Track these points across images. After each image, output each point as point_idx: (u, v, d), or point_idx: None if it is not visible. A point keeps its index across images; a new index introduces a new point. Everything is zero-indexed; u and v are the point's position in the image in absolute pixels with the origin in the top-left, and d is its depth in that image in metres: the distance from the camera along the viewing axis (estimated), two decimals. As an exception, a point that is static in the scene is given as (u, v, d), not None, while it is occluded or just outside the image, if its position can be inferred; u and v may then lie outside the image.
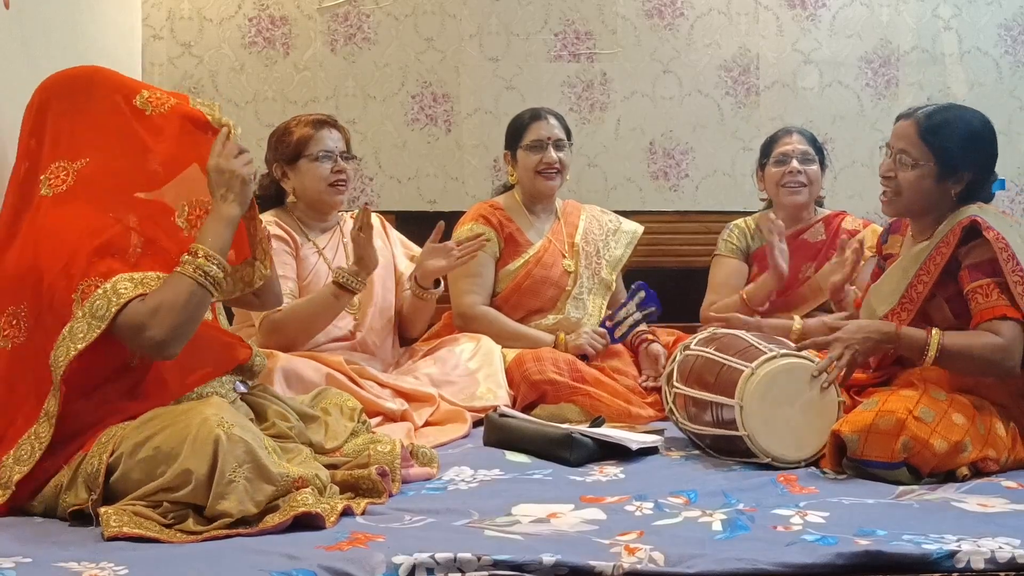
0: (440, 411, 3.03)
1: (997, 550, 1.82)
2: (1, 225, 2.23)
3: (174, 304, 2.08)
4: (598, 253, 3.57)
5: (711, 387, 2.58)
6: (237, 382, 2.36)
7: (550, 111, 3.57)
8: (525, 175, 3.51)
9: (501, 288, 3.49)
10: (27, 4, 2.70)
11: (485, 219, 3.50)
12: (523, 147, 3.49)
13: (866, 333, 2.50)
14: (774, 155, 3.52)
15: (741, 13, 4.23)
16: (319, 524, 1.97)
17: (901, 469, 2.33)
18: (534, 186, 3.51)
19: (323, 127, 3.19)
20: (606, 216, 3.68)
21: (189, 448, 1.96)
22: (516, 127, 3.54)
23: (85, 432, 2.11)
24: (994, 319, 2.44)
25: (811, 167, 3.48)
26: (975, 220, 2.50)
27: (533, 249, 3.51)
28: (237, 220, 2.21)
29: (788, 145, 3.50)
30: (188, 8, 4.08)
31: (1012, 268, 2.44)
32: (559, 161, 3.47)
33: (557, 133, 3.49)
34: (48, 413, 2.07)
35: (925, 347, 2.43)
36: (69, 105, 2.24)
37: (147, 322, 2.06)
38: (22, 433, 2.10)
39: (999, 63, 4.30)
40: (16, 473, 2.08)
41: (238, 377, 2.37)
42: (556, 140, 3.48)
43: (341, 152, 3.19)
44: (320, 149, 3.16)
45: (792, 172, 3.46)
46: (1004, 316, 2.43)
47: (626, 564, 1.79)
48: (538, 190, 3.52)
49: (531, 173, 3.48)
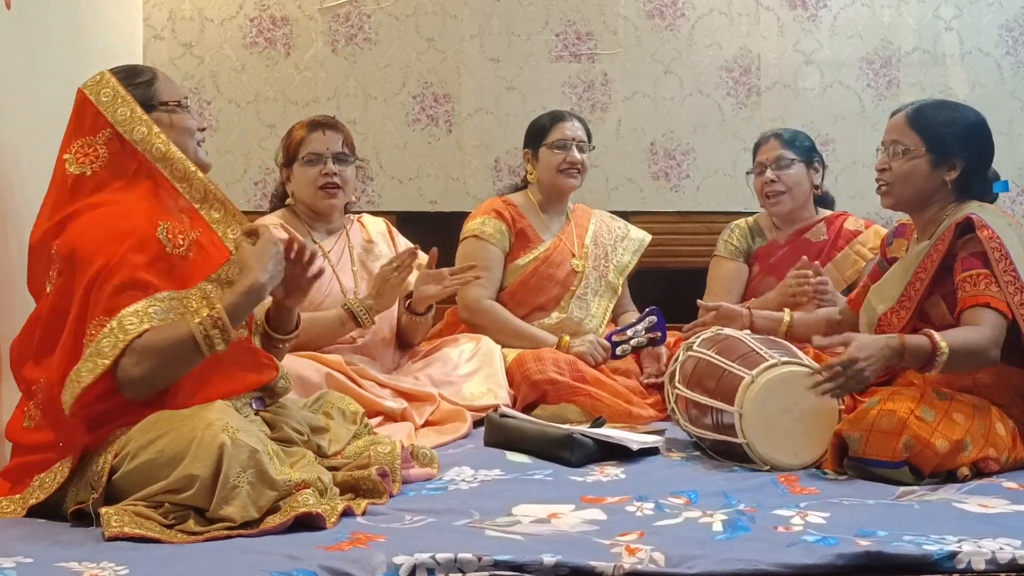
0: (440, 410, 3.03)
1: (998, 551, 1.82)
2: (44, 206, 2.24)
3: (161, 350, 2.07)
4: (607, 256, 3.59)
5: (712, 392, 2.58)
6: (254, 400, 2.32)
7: (574, 114, 3.62)
8: (546, 173, 3.52)
9: (508, 283, 3.50)
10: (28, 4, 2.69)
11: (497, 213, 3.52)
12: (547, 145, 3.51)
13: (879, 350, 2.36)
14: (755, 164, 3.53)
15: (742, 14, 4.23)
16: (320, 524, 1.98)
17: (903, 468, 2.33)
18: (555, 183, 3.52)
19: (316, 129, 3.17)
20: (615, 222, 3.70)
21: (194, 452, 1.96)
22: (539, 127, 3.56)
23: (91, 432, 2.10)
24: (977, 306, 2.43)
25: (788, 171, 3.46)
26: (971, 217, 2.50)
27: (543, 246, 3.52)
28: (263, 289, 2.18)
29: (763, 154, 3.51)
30: (189, 8, 4.08)
31: (1004, 268, 2.44)
32: (582, 162, 3.51)
33: (581, 135, 3.54)
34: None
35: (934, 355, 2.36)
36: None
37: (129, 356, 2.05)
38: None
39: (1000, 64, 4.30)
40: (33, 498, 2.11)
41: (256, 395, 2.33)
42: (579, 141, 3.52)
43: (336, 154, 3.15)
44: (308, 151, 3.14)
45: (767, 182, 3.46)
46: (988, 304, 2.42)
47: (627, 564, 1.79)
48: (558, 188, 3.54)
49: (553, 171, 3.50)
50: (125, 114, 2.20)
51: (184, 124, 2.30)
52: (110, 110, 2.20)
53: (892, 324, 2.58)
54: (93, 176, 2.19)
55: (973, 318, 2.43)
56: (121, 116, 2.20)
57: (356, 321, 3.04)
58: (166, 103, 2.28)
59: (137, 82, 2.27)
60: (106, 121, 2.20)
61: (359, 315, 3.03)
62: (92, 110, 2.21)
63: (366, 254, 3.27)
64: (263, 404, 2.34)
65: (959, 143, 2.59)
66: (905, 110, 2.66)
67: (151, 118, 2.23)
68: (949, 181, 2.60)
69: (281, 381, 2.36)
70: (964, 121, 2.62)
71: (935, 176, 2.60)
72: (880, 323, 2.61)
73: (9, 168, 2.56)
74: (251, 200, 4.03)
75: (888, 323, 2.59)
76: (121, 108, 2.20)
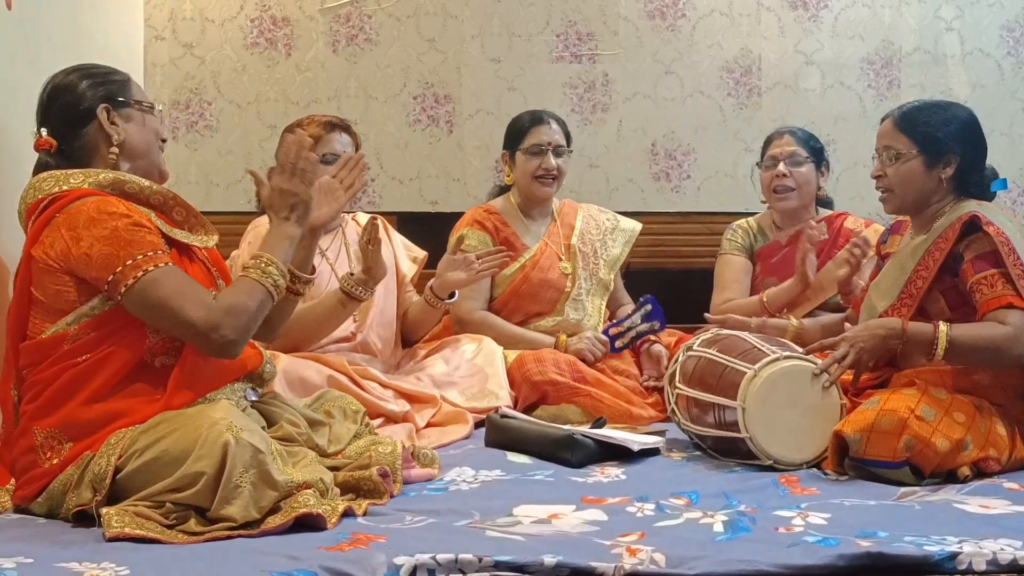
0: (442, 412, 3.03)
1: (999, 551, 1.82)
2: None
3: (248, 307, 2.13)
4: (595, 254, 3.56)
5: (713, 389, 2.58)
6: (248, 390, 2.35)
7: (552, 115, 3.56)
8: (522, 178, 3.50)
9: (498, 293, 3.49)
10: (29, 4, 2.70)
11: (480, 224, 3.49)
12: (522, 150, 3.48)
13: (872, 331, 2.49)
14: (765, 158, 3.53)
15: (743, 14, 4.23)
16: (320, 525, 1.98)
17: (903, 468, 2.33)
18: (530, 190, 3.50)
19: (334, 130, 3.18)
20: (604, 215, 3.66)
21: (198, 451, 1.96)
22: (517, 128, 3.52)
23: (94, 433, 2.11)
24: (1000, 308, 2.44)
25: (800, 169, 3.46)
26: (975, 215, 2.50)
27: (529, 253, 3.50)
28: (297, 239, 2.28)
29: (777, 148, 3.50)
30: (190, 9, 4.08)
31: (1014, 261, 2.45)
32: (557, 168, 3.46)
33: (557, 139, 3.48)
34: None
35: (934, 341, 2.42)
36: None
37: (221, 321, 2.09)
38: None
39: (1001, 64, 4.30)
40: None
41: (248, 384, 2.36)
42: (556, 146, 3.47)
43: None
44: (327, 151, 3.13)
45: (779, 176, 3.46)
46: (1011, 305, 2.43)
47: (627, 565, 1.79)
48: (533, 195, 3.51)
49: (528, 178, 3.47)
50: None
51: (155, 126, 2.35)
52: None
53: (893, 322, 2.59)
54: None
55: (996, 320, 2.44)
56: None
57: (352, 296, 2.97)
58: (140, 103, 2.32)
59: (113, 79, 2.32)
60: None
61: (354, 291, 2.96)
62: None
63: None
64: (257, 395, 2.37)
65: (950, 139, 2.60)
66: (893, 115, 2.67)
67: (124, 113, 2.28)
68: (945, 179, 2.60)
69: (267, 366, 2.40)
70: (952, 117, 2.63)
71: (931, 176, 2.61)
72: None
73: (10, 168, 2.56)
74: (251, 200, 4.02)
75: (889, 321, 2.60)
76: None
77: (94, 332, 2.14)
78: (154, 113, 2.35)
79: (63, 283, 2.14)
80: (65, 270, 2.14)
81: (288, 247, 2.25)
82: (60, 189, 2.18)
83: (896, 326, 2.46)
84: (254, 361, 2.35)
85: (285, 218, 2.26)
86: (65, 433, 2.12)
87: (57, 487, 2.10)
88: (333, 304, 3.01)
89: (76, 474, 2.08)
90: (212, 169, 4.12)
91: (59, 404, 2.13)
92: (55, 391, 2.13)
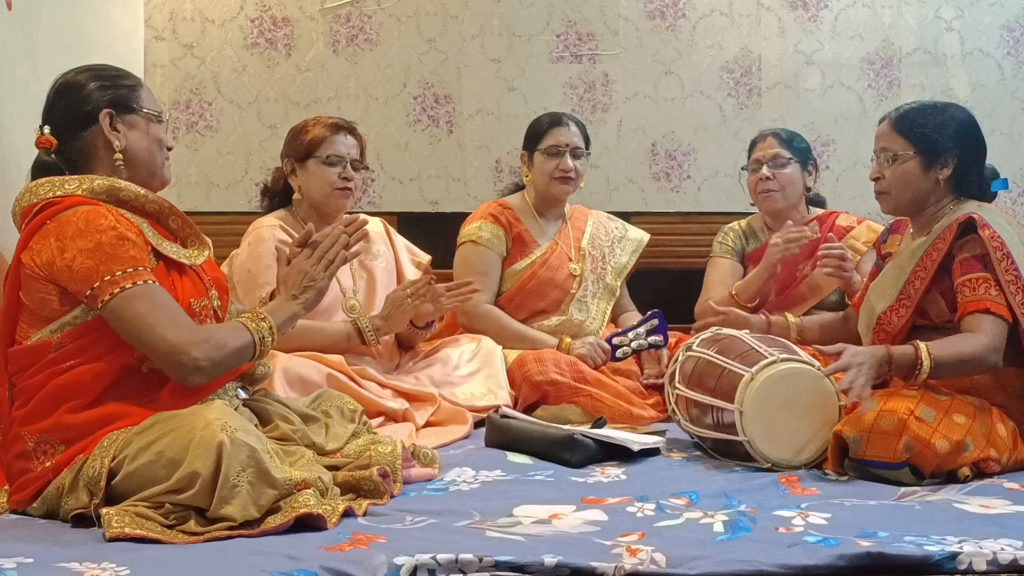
0: (441, 411, 3.04)
1: (999, 551, 1.82)
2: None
3: (227, 342, 2.14)
4: (603, 259, 3.59)
5: (712, 391, 2.58)
6: (238, 389, 2.36)
7: (571, 117, 3.59)
8: (540, 179, 3.52)
9: (506, 287, 3.50)
10: (29, 5, 2.70)
11: (494, 218, 3.51)
12: (541, 150, 3.50)
13: (866, 360, 2.39)
14: (750, 161, 3.53)
15: (743, 14, 4.24)
16: (321, 525, 1.98)
17: (903, 469, 2.33)
18: (547, 191, 3.52)
19: (340, 132, 3.18)
20: (613, 223, 3.70)
21: (193, 452, 1.96)
22: (536, 129, 3.55)
23: (87, 436, 2.10)
24: (977, 312, 2.44)
25: (784, 170, 3.45)
26: (972, 217, 2.50)
27: (540, 251, 3.52)
28: (298, 318, 2.31)
29: (760, 151, 3.50)
30: (190, 9, 4.08)
31: (1006, 267, 2.44)
32: (574, 169, 3.49)
33: (576, 141, 3.51)
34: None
35: (916, 364, 2.39)
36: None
37: (195, 345, 2.09)
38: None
39: (1001, 64, 4.30)
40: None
41: (239, 384, 2.37)
42: (574, 148, 3.49)
43: (353, 160, 3.18)
44: (331, 153, 3.14)
45: (762, 179, 3.46)
46: (987, 310, 2.43)
47: (628, 565, 1.79)
48: (551, 195, 3.53)
49: (546, 178, 3.50)
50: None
51: (158, 135, 2.31)
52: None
53: (892, 322, 2.58)
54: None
55: (972, 325, 2.44)
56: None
57: (362, 338, 3.07)
58: (147, 111, 2.29)
59: (123, 83, 2.29)
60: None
61: (365, 333, 3.07)
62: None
63: (364, 254, 3.27)
64: (247, 393, 2.37)
65: (947, 140, 2.60)
66: (890, 116, 2.67)
67: (127, 120, 2.25)
68: (943, 180, 2.60)
69: (260, 367, 2.41)
70: (950, 118, 2.62)
71: (929, 177, 2.60)
72: (880, 321, 2.61)
73: (11, 168, 2.56)
74: (252, 201, 4.03)
75: (888, 321, 2.59)
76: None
77: (78, 340, 2.13)
78: (161, 122, 2.32)
79: (47, 291, 2.13)
80: (49, 279, 2.12)
81: (288, 321, 2.27)
82: (55, 195, 2.16)
83: (883, 354, 2.41)
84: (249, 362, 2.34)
85: (294, 296, 2.29)
86: (56, 437, 2.11)
87: (51, 491, 2.10)
88: (340, 334, 3.07)
89: (69, 478, 2.07)
90: (212, 169, 4.12)
91: (48, 410, 2.12)
92: (43, 397, 2.12)
